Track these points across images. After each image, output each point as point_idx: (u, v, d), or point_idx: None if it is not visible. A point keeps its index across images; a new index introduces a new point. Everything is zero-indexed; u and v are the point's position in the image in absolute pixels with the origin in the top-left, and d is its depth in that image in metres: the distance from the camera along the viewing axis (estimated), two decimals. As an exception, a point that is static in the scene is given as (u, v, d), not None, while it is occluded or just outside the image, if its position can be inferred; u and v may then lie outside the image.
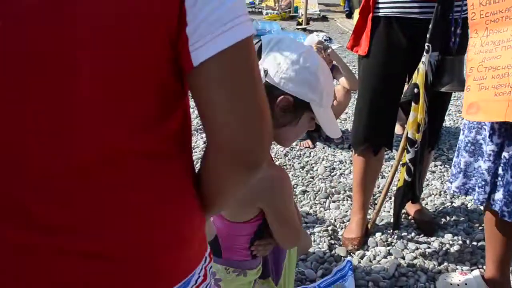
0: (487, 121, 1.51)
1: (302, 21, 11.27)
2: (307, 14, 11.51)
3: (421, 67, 1.64)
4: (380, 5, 1.82)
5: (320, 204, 2.57)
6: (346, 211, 2.47)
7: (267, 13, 14.89)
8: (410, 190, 1.87)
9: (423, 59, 1.65)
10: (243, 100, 0.56)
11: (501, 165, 1.51)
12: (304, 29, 10.68)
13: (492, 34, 1.42)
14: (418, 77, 1.66)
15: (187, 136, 0.64)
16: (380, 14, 1.83)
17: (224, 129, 0.56)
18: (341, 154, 3.20)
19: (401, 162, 1.93)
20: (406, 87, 1.85)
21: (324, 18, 13.71)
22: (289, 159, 3.14)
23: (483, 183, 1.57)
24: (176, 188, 0.62)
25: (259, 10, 17.49)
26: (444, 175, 2.94)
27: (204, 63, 0.53)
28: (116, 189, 0.57)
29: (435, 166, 3.06)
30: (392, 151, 2.70)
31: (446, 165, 3.07)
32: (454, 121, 3.97)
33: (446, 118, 3.88)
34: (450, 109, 4.21)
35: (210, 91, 0.55)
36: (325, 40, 3.07)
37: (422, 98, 1.66)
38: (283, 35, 1.40)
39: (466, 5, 1.72)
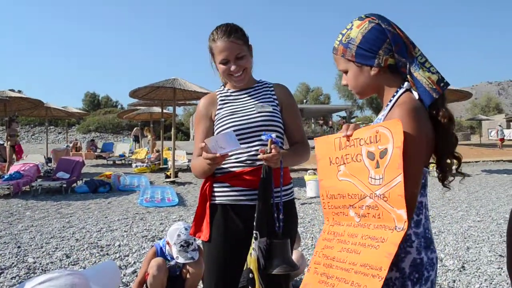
0: None
1: (170, 173, 11.48)
2: (175, 166, 11.80)
3: (253, 253, 1.73)
4: (216, 194, 1.96)
5: None
6: None
7: (136, 166, 15.00)
8: None
9: (253, 245, 1.74)
10: None
11: None
12: (173, 182, 10.89)
13: (335, 225, 1.53)
14: (251, 263, 1.73)
15: None
16: (216, 202, 1.96)
17: None
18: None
19: None
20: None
21: (193, 168, 14.15)
22: None
23: None
24: None
25: (129, 162, 17.67)
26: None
27: None
28: None
29: (297, 325, 3.07)
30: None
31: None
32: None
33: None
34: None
35: None
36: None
37: (258, 282, 1.71)
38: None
39: (284, 190, 1.93)
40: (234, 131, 1.88)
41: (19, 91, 29.56)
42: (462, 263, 4.24)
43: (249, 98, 2.02)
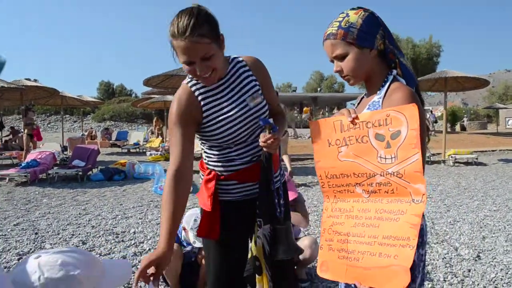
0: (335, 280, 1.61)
1: (184, 162, 11.52)
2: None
3: (258, 241, 1.74)
4: (224, 191, 1.86)
5: None
6: None
7: (150, 154, 15.15)
8: None
9: (258, 233, 1.74)
10: None
11: None
12: (187, 170, 10.95)
13: (339, 202, 1.61)
14: (256, 250, 1.73)
15: None
16: (225, 198, 1.86)
17: None
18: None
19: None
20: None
21: (207, 157, 14.23)
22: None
23: None
24: None
25: (143, 150, 17.83)
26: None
27: None
28: None
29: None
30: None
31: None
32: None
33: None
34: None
35: None
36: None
37: (264, 269, 1.72)
38: (6, 280, 1.29)
39: (282, 175, 1.93)
40: (233, 135, 1.76)
41: (35, 80, 29.91)
42: (478, 252, 4.20)
43: (232, 89, 1.79)
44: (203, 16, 1.59)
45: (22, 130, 13.69)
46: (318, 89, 60.37)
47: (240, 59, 1.85)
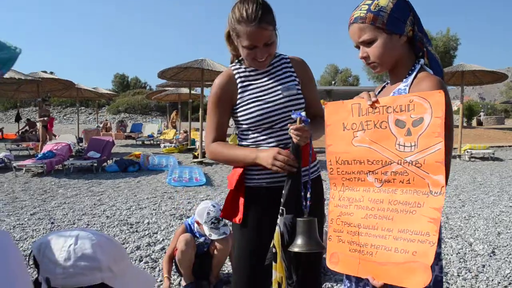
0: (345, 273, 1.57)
1: (198, 154, 11.58)
2: (202, 146, 11.90)
3: (277, 229, 1.72)
4: (250, 177, 1.89)
5: None
6: None
7: (164, 146, 15.23)
8: None
9: (278, 221, 1.72)
10: None
11: None
12: (201, 162, 11.01)
13: (347, 191, 1.54)
14: (275, 238, 1.72)
15: None
16: (250, 184, 1.89)
17: None
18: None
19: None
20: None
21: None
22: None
23: None
24: None
25: (157, 142, 17.96)
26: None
27: None
28: None
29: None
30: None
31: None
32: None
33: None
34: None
35: None
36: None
37: (280, 257, 1.70)
38: (50, 235, 1.33)
39: (312, 167, 1.91)
40: (261, 118, 1.83)
41: (51, 73, 30.25)
42: (493, 248, 4.16)
43: (270, 78, 1.89)
44: (266, 4, 1.74)
45: (37, 122, 13.88)
46: (333, 82, 59.98)
47: (286, 56, 1.96)
